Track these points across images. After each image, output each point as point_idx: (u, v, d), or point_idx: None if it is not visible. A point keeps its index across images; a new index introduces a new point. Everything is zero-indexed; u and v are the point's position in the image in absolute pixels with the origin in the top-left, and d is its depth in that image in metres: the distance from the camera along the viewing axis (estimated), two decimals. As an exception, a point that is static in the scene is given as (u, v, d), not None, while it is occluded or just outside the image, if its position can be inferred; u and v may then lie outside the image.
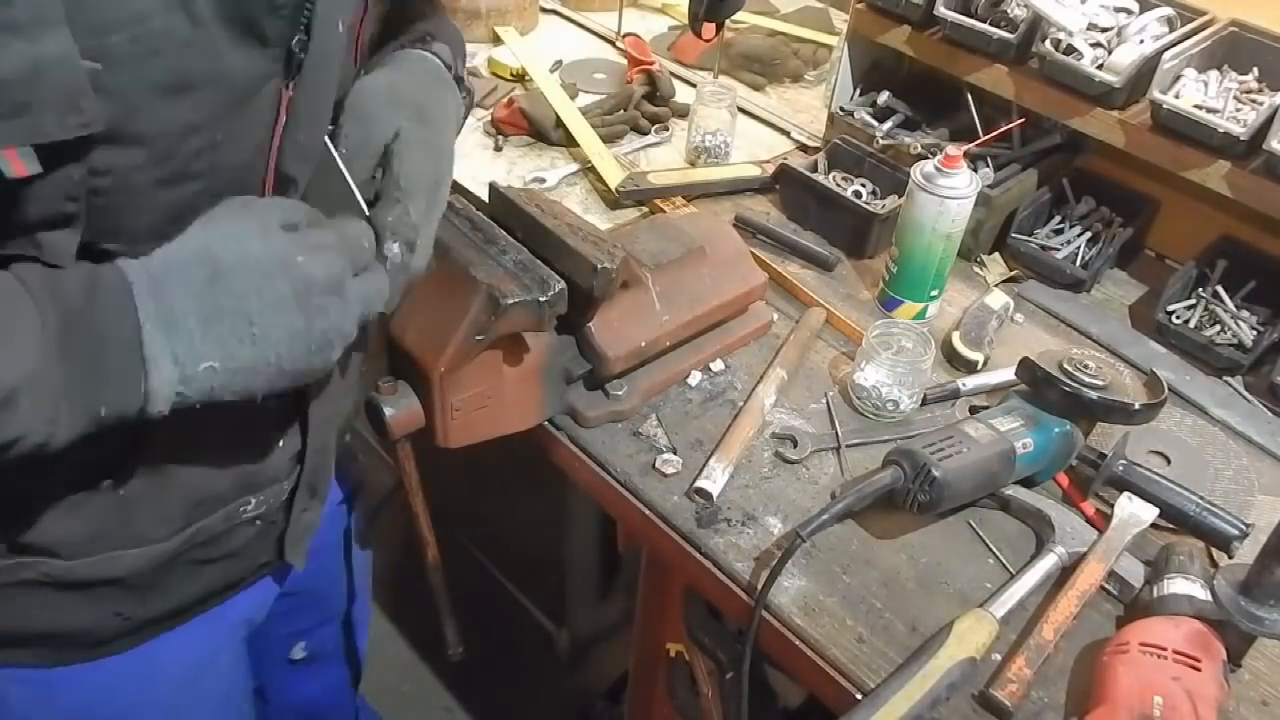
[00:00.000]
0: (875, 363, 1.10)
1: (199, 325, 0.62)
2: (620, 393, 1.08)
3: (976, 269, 1.38)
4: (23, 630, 0.81)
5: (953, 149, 1.17)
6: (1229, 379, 1.22)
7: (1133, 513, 1.00)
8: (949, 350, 1.21)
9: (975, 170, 1.33)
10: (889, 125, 1.50)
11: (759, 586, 0.92)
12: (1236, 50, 1.30)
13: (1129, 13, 1.33)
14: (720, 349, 1.18)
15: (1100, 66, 1.25)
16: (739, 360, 1.18)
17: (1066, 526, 0.99)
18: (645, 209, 1.41)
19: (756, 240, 1.37)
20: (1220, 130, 1.16)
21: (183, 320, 0.62)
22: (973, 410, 1.13)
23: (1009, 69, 1.33)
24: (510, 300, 0.91)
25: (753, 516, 1.01)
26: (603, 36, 1.84)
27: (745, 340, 1.20)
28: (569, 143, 1.51)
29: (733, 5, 1.34)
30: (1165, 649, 0.83)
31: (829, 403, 1.14)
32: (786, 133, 1.61)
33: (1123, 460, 1.03)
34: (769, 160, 1.50)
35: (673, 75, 1.69)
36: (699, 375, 1.15)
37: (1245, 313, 1.28)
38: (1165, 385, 1.09)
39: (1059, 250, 1.37)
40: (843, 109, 1.53)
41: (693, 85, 1.65)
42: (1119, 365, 1.22)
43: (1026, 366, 1.05)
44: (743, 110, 1.61)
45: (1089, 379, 1.02)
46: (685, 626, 1.19)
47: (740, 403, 1.12)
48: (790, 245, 1.36)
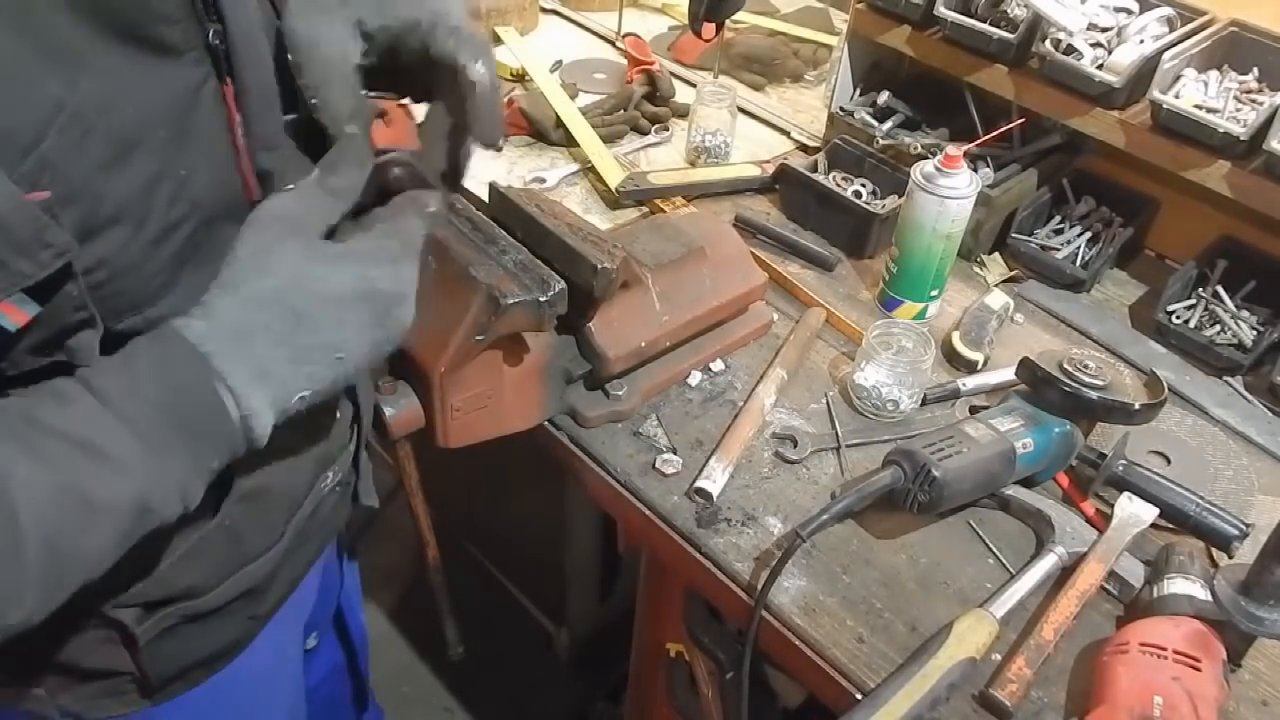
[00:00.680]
0: (875, 363, 1.10)
1: (289, 368, 0.62)
2: (620, 393, 1.08)
3: (976, 269, 1.38)
4: (180, 666, 0.83)
5: (953, 149, 1.17)
6: (1229, 379, 1.22)
7: (1133, 513, 1.00)
8: (949, 350, 1.21)
9: (975, 170, 1.33)
10: (889, 125, 1.50)
11: (759, 586, 0.92)
12: (1236, 50, 1.30)
13: (1129, 13, 1.33)
14: (720, 349, 1.18)
15: (1100, 66, 1.25)
16: (739, 360, 1.18)
17: (1066, 526, 0.99)
18: (645, 209, 1.41)
19: (756, 240, 1.37)
20: (1220, 130, 1.16)
21: (273, 369, 0.62)
22: (973, 410, 1.13)
23: (1009, 69, 1.33)
24: (510, 300, 0.91)
25: (753, 516, 1.01)
26: (603, 36, 1.84)
27: (745, 340, 1.20)
28: (569, 143, 1.51)
29: (733, 5, 1.34)
30: (1165, 649, 0.83)
31: (829, 403, 1.14)
32: (786, 133, 1.61)
33: (1123, 460, 1.03)
34: (769, 160, 1.50)
35: (673, 75, 1.69)
36: (699, 375, 1.15)
37: (1245, 313, 1.28)
38: (1165, 385, 1.09)
39: (1059, 250, 1.37)
40: (843, 109, 1.53)
41: (693, 85, 1.65)
42: (1119, 365, 1.22)
43: (1026, 366, 1.05)
44: (743, 110, 1.61)
45: (1089, 379, 1.02)
46: (685, 626, 1.19)
47: (740, 403, 1.12)
48: (790, 245, 1.36)
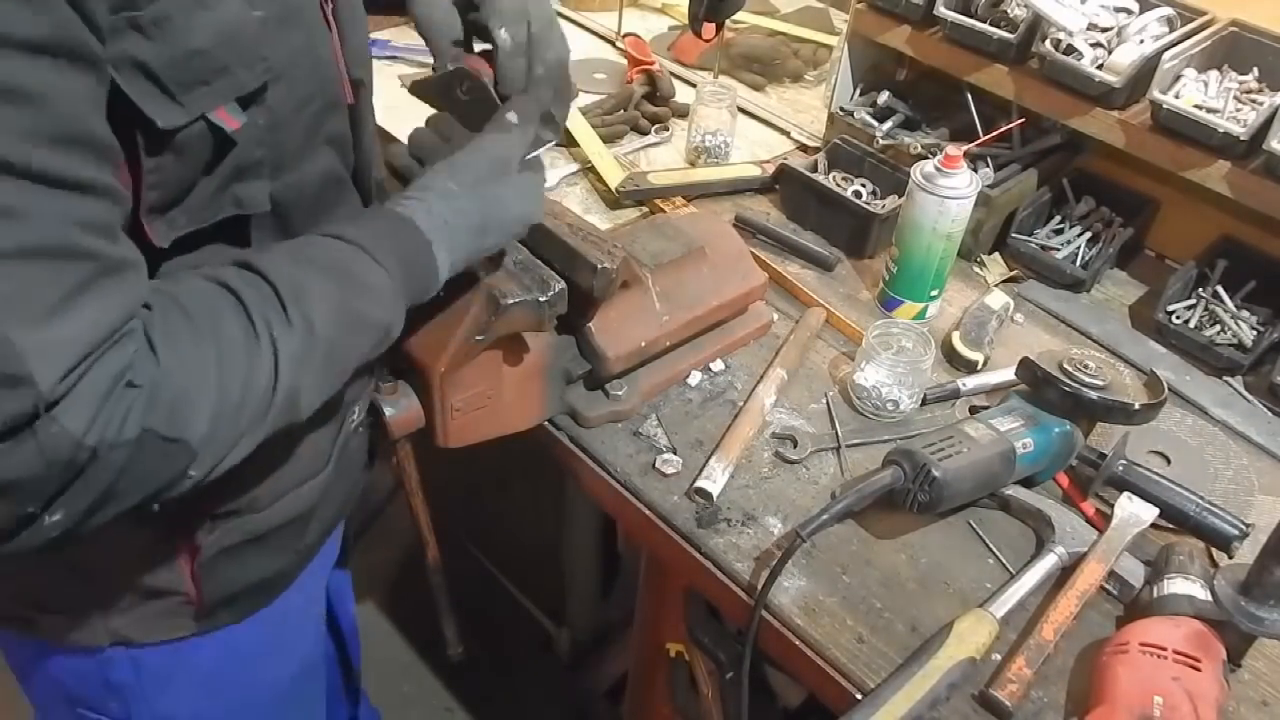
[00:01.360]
0: (875, 363, 1.10)
1: (462, 255, 0.80)
2: (620, 393, 1.08)
3: (976, 269, 1.38)
4: (230, 591, 0.89)
5: (953, 149, 1.17)
6: (1229, 379, 1.22)
7: (1133, 513, 1.00)
8: (949, 350, 1.21)
9: (975, 170, 1.33)
10: (889, 125, 1.50)
11: (759, 586, 0.92)
12: (1236, 50, 1.30)
13: (1129, 13, 1.33)
14: (720, 349, 1.17)
15: (1100, 66, 1.25)
16: (739, 360, 1.18)
17: (1066, 526, 0.99)
18: (645, 209, 1.41)
19: (756, 240, 1.37)
20: (1220, 130, 1.16)
21: (455, 255, 0.79)
22: (973, 410, 1.13)
23: (1009, 69, 1.33)
24: (510, 300, 0.90)
25: (753, 516, 1.01)
26: (603, 36, 1.84)
27: (745, 340, 1.20)
28: (569, 143, 1.51)
29: (733, 5, 1.34)
30: (1165, 649, 0.83)
31: (829, 403, 1.14)
32: (786, 133, 1.61)
33: (1123, 460, 1.03)
34: (769, 160, 1.50)
35: (673, 75, 1.69)
36: (699, 375, 1.15)
37: (1245, 313, 1.28)
38: (1165, 385, 1.09)
39: (1059, 250, 1.37)
40: (843, 109, 1.53)
41: (693, 85, 1.65)
42: (1119, 365, 1.22)
43: (1026, 366, 1.05)
44: (743, 110, 1.61)
45: (1089, 379, 1.02)
46: (685, 626, 1.19)
47: (740, 403, 1.12)
48: (790, 245, 1.36)
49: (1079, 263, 1.36)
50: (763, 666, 1.23)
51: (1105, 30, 1.31)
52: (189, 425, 0.61)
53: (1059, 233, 1.41)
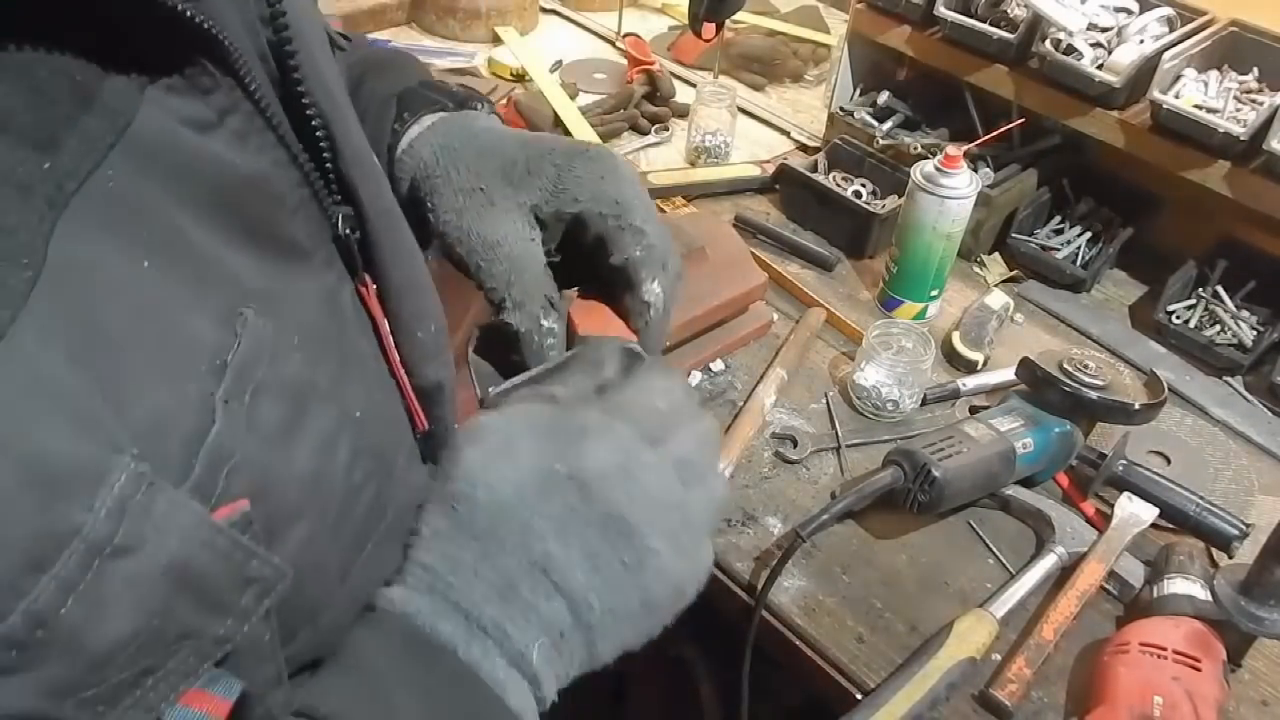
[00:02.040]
0: (875, 363, 1.10)
1: (499, 609, 0.46)
2: (620, 393, 1.08)
3: (976, 269, 1.38)
4: None
5: (953, 149, 1.17)
6: (1229, 379, 1.22)
7: (1133, 513, 1.00)
8: (949, 350, 1.21)
9: (975, 170, 1.33)
10: (889, 125, 1.50)
11: (759, 586, 0.92)
12: (1236, 50, 1.30)
13: (1129, 13, 1.33)
14: (720, 349, 1.17)
15: (1100, 66, 1.25)
16: (739, 360, 1.18)
17: (1066, 526, 0.99)
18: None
19: (756, 240, 1.37)
20: (1220, 130, 1.16)
21: (483, 613, 0.46)
22: (973, 410, 1.13)
23: (1009, 69, 1.33)
24: (510, 300, 0.90)
25: (753, 516, 1.01)
26: (603, 36, 1.84)
27: (745, 340, 1.20)
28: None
29: (733, 5, 1.34)
30: (1165, 649, 0.83)
31: (829, 403, 1.14)
32: (786, 133, 1.61)
33: (1123, 460, 1.03)
34: (769, 160, 1.50)
35: (673, 75, 1.69)
36: (699, 375, 1.15)
37: (1245, 313, 1.28)
38: (1165, 385, 1.09)
39: (1059, 250, 1.37)
40: (843, 109, 1.53)
41: (693, 85, 1.65)
42: (1119, 365, 1.22)
43: (1026, 366, 1.05)
44: (743, 110, 1.61)
45: (1089, 379, 1.02)
46: (685, 626, 1.19)
47: (740, 403, 1.12)
48: (790, 245, 1.36)
49: (1079, 263, 1.36)
50: (763, 666, 1.23)
51: (1105, 30, 1.31)
52: None
53: (1059, 233, 1.41)
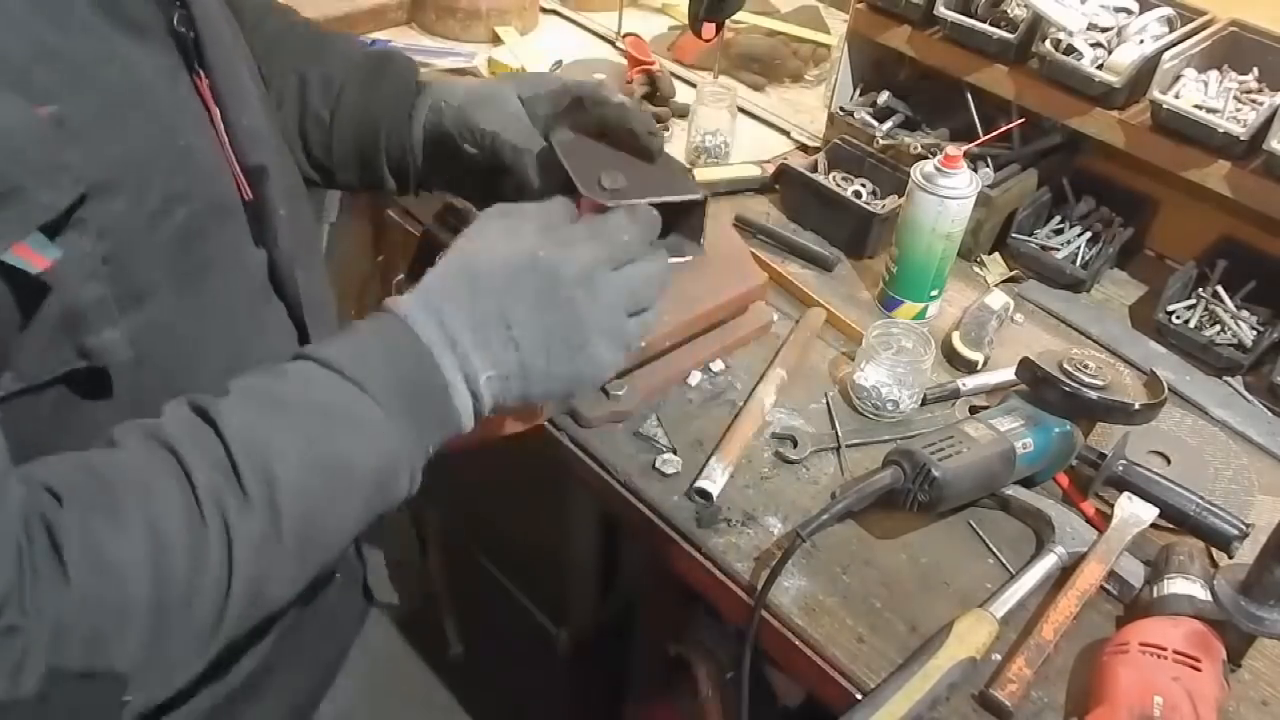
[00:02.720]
0: (875, 363, 1.10)
1: (470, 337, 0.62)
2: (620, 393, 1.08)
3: (976, 269, 1.38)
4: None
5: (953, 149, 1.17)
6: (1229, 379, 1.22)
7: (1133, 513, 1.00)
8: (949, 350, 1.21)
9: (975, 170, 1.33)
10: (889, 125, 1.50)
11: (759, 586, 0.92)
12: (1236, 50, 1.30)
13: (1129, 13, 1.33)
14: (720, 349, 1.17)
15: (1100, 66, 1.25)
16: (739, 360, 1.18)
17: (1066, 526, 0.99)
18: (645, 209, 1.41)
19: (756, 240, 1.37)
20: (1220, 130, 1.16)
21: (459, 336, 0.62)
22: (973, 410, 1.13)
23: (1009, 69, 1.33)
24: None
25: (753, 516, 1.01)
26: (603, 36, 1.84)
27: (745, 340, 1.20)
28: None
29: (733, 5, 1.34)
30: (1165, 649, 0.83)
31: (829, 403, 1.14)
32: (786, 133, 1.61)
33: (1123, 460, 1.03)
34: (769, 160, 1.50)
35: (673, 75, 1.68)
36: (699, 375, 1.15)
37: (1245, 313, 1.28)
38: (1165, 385, 1.09)
39: (1059, 250, 1.37)
40: (843, 109, 1.53)
41: (693, 85, 1.65)
42: (1119, 365, 1.22)
43: (1026, 366, 1.05)
44: (743, 110, 1.61)
45: (1089, 379, 1.02)
46: (685, 626, 1.20)
47: (740, 403, 1.12)
48: (790, 245, 1.36)
49: (1079, 263, 1.36)
50: (763, 666, 1.23)
51: (1105, 30, 1.31)
52: (114, 652, 0.48)
53: (1059, 233, 1.41)
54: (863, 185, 1.41)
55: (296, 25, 0.94)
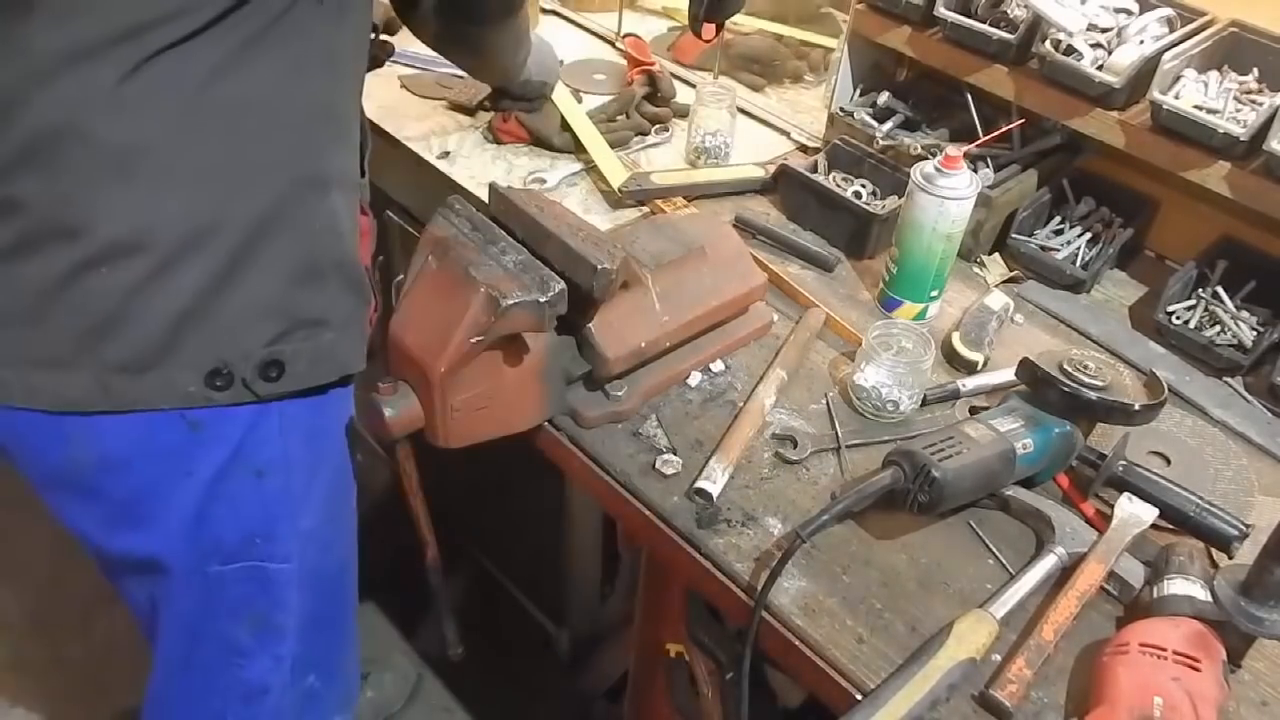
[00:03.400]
0: (875, 363, 1.10)
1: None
2: (620, 393, 1.08)
3: (976, 269, 1.38)
4: None
5: (953, 149, 1.17)
6: (1229, 379, 1.22)
7: (1133, 513, 1.00)
8: (949, 351, 1.21)
9: (975, 171, 1.33)
10: (889, 126, 1.50)
11: (759, 587, 0.92)
12: (1236, 50, 1.30)
13: (1129, 13, 1.33)
14: (720, 349, 1.18)
15: (1100, 67, 1.25)
16: (739, 361, 1.18)
17: (1066, 527, 0.99)
18: (646, 209, 1.41)
19: (756, 241, 1.37)
20: (1220, 131, 1.16)
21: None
22: (973, 411, 1.13)
23: (1009, 69, 1.33)
24: (510, 301, 0.91)
25: (753, 517, 1.01)
26: (602, 37, 1.84)
27: (745, 341, 1.20)
28: (576, 148, 1.50)
29: (733, 5, 1.34)
30: (1165, 649, 0.83)
31: (829, 403, 1.14)
32: (786, 133, 1.61)
33: (1123, 461, 1.03)
34: (769, 161, 1.50)
35: (672, 76, 1.68)
36: (699, 376, 1.15)
37: (1245, 313, 1.28)
38: (1165, 386, 1.09)
39: (1059, 251, 1.37)
40: (843, 109, 1.53)
41: (692, 86, 1.65)
42: (1119, 366, 1.22)
43: (1026, 367, 1.05)
44: (743, 111, 1.61)
45: (1089, 379, 1.02)
46: (685, 626, 1.20)
47: (740, 403, 1.12)
48: (790, 246, 1.36)
49: (1079, 263, 1.36)
50: (763, 666, 1.23)
51: (1105, 31, 1.31)
52: None
53: (1059, 233, 1.41)
54: (863, 186, 1.41)
55: None
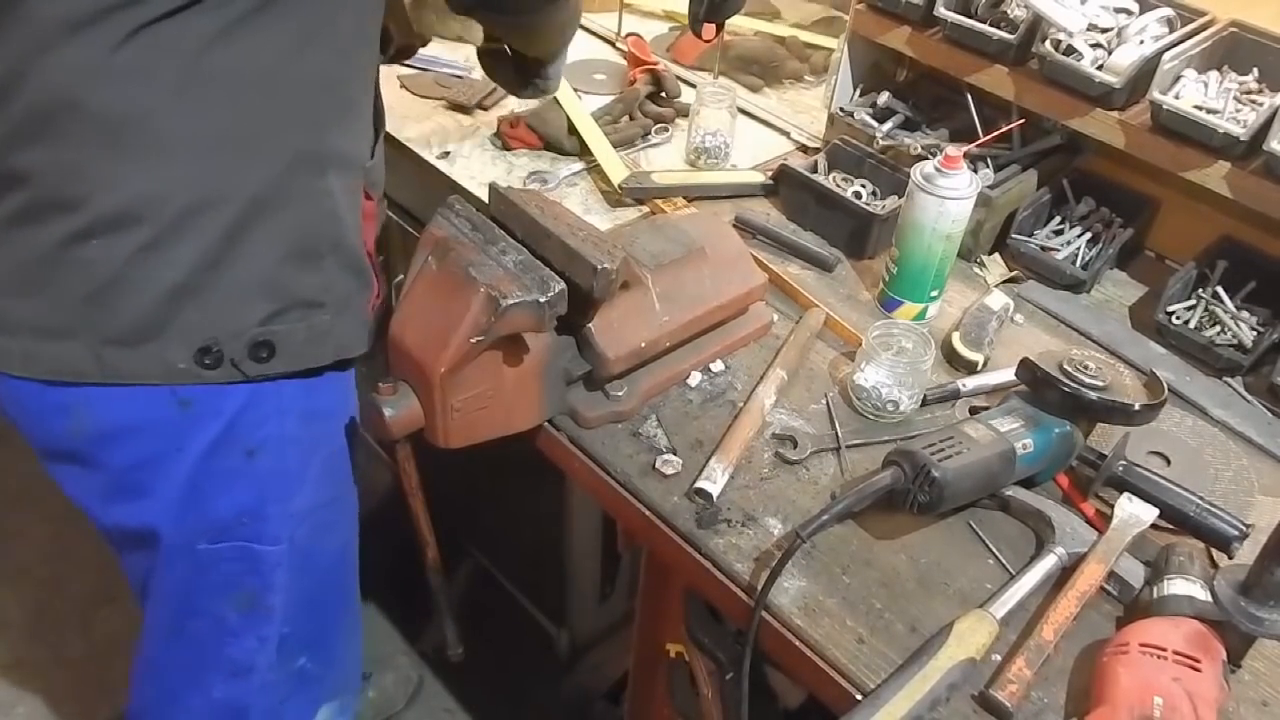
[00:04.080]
0: (875, 363, 1.10)
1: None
2: (620, 393, 1.08)
3: (976, 269, 1.38)
4: None
5: (953, 149, 1.17)
6: (1229, 380, 1.22)
7: (1133, 513, 1.00)
8: (949, 351, 1.21)
9: (975, 171, 1.33)
10: (889, 126, 1.50)
11: (759, 587, 0.92)
12: (1236, 51, 1.30)
13: (1129, 13, 1.33)
14: (720, 349, 1.18)
15: (1100, 67, 1.25)
16: (739, 361, 1.18)
17: (1066, 527, 0.99)
18: (646, 209, 1.41)
19: (756, 241, 1.37)
20: (1220, 131, 1.16)
21: None
22: (973, 411, 1.13)
23: (1009, 69, 1.33)
24: (510, 301, 0.91)
25: (753, 517, 1.01)
26: (602, 37, 1.84)
27: (745, 341, 1.20)
28: (583, 151, 1.50)
29: (733, 5, 1.34)
30: (1165, 650, 0.83)
31: (829, 403, 1.14)
32: (786, 133, 1.61)
33: (1123, 461, 1.03)
34: (769, 162, 1.50)
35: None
36: (699, 376, 1.15)
37: (1245, 313, 1.28)
38: (1165, 386, 1.09)
39: (1059, 251, 1.37)
40: (843, 110, 1.53)
41: (692, 86, 1.65)
42: (1119, 366, 1.22)
43: (1026, 367, 1.05)
44: (743, 111, 1.61)
45: (1089, 380, 1.02)
46: (685, 626, 1.20)
47: (740, 403, 1.12)
48: (790, 246, 1.36)
49: (1079, 263, 1.36)
50: (763, 667, 1.23)
51: (1105, 31, 1.31)
52: None
53: (1059, 233, 1.41)
54: (863, 186, 1.41)
55: None
